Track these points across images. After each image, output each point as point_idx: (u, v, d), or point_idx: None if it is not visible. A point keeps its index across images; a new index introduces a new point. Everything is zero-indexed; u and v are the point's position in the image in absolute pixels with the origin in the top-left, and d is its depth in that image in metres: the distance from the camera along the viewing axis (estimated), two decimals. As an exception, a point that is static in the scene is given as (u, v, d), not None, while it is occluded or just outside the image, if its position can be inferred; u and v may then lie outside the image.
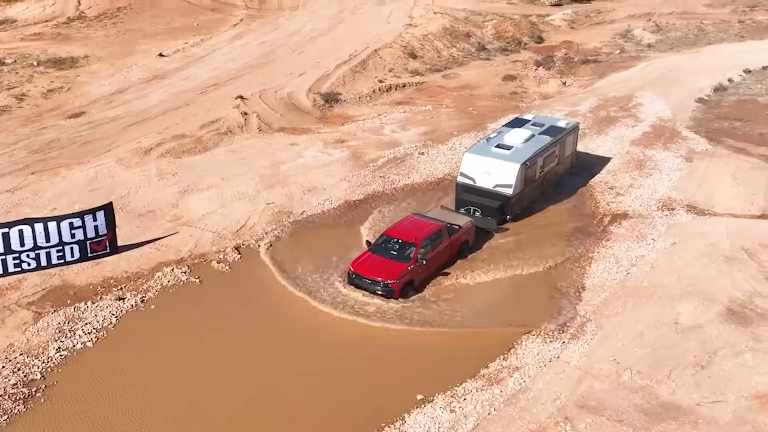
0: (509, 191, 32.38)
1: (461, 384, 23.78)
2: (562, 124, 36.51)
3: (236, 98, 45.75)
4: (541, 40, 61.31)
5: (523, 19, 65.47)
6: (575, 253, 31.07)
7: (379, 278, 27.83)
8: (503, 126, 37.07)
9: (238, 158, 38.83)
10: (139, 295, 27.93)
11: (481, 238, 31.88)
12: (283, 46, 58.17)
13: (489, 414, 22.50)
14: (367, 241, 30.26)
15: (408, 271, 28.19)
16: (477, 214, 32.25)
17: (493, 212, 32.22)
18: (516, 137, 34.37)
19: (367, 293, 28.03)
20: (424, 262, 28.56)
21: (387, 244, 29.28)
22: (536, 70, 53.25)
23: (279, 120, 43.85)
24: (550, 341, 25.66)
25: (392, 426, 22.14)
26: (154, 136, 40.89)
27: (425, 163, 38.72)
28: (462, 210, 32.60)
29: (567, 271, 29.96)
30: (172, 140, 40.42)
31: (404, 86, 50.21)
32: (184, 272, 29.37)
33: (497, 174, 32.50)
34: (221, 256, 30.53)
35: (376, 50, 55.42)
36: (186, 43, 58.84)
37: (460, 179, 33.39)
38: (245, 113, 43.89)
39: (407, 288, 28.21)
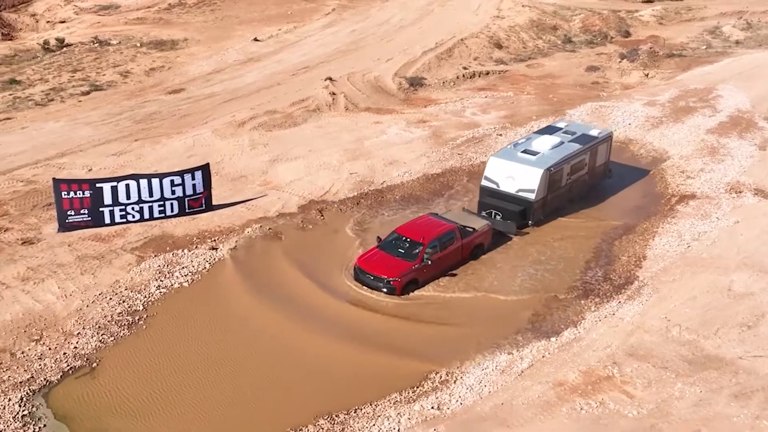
0: (531, 196, 32.80)
1: (521, 333, 26.51)
2: (594, 132, 36.50)
3: (325, 80, 49.28)
4: (628, 34, 63.10)
5: (612, 14, 67.39)
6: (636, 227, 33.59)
7: (382, 275, 28.56)
8: (534, 132, 37.71)
9: (325, 133, 42.26)
10: (230, 246, 31.39)
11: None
12: (372, 34, 61.53)
13: (543, 357, 25.19)
14: (377, 237, 30.80)
15: (412, 270, 28.81)
16: (498, 217, 32.81)
17: (515, 217, 32.72)
18: (544, 143, 34.66)
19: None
20: (430, 262, 29.09)
21: (396, 242, 29.91)
22: (620, 62, 55.29)
23: (365, 100, 47.18)
24: (607, 301, 28.16)
25: (455, 361, 24.99)
26: (247, 111, 44.75)
27: (503, 143, 41.25)
28: (484, 213, 33.18)
29: (630, 243, 32.28)
30: (264, 115, 44.21)
31: (488, 74, 52.96)
32: (271, 229, 32.75)
33: (520, 179, 33.00)
34: (306, 216, 33.82)
35: (462, 39, 58.35)
36: (280, 29, 62.81)
37: (484, 183, 33.92)
38: (333, 93, 47.36)
39: (410, 287, 28.84)
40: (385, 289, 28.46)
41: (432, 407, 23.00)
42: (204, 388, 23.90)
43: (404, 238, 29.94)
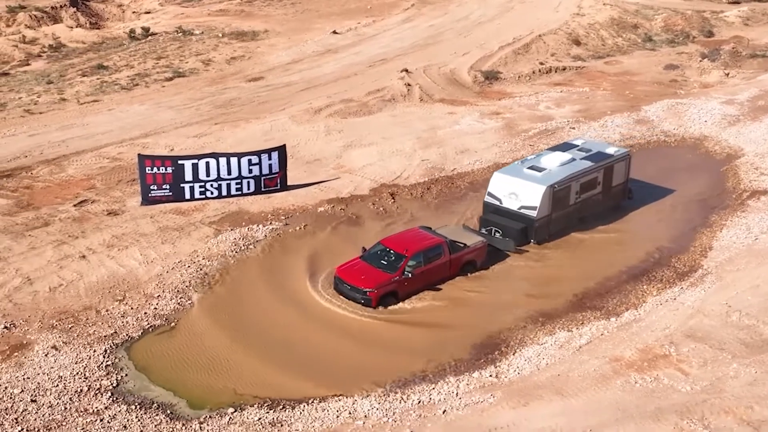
0: (533, 214, 32.00)
1: (580, 312, 27.84)
2: (610, 151, 35.36)
3: (401, 71, 51.17)
4: (710, 34, 63.49)
5: (696, 14, 67.74)
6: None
7: (359, 286, 28.12)
8: (547, 149, 36.95)
9: (399, 122, 44.13)
10: (303, 223, 33.39)
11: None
12: (450, 29, 63.22)
13: (602, 335, 26.47)
14: (363, 247, 30.26)
15: (390, 282, 28.27)
16: (497, 235, 32.19)
17: (516, 235, 31.95)
18: (553, 160, 33.76)
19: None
20: (410, 275, 28.56)
21: (380, 254, 29.44)
22: (701, 61, 55.83)
23: (440, 92, 48.93)
24: (670, 287, 29.27)
25: (515, 338, 26.49)
26: (324, 99, 46.95)
27: (575, 136, 42.41)
28: (484, 230, 32.54)
29: (697, 234, 33.26)
30: (340, 103, 46.32)
31: (564, 69, 54.19)
32: (342, 209, 34.63)
33: (523, 195, 32.26)
34: (377, 199, 35.62)
35: (540, 35, 59.66)
36: (358, 23, 65.06)
37: (487, 199, 33.24)
38: (409, 84, 49.20)
39: (388, 299, 28.35)
40: (362, 301, 28.07)
41: (490, 375, 24.50)
42: (271, 349, 25.87)
43: (388, 250, 29.47)
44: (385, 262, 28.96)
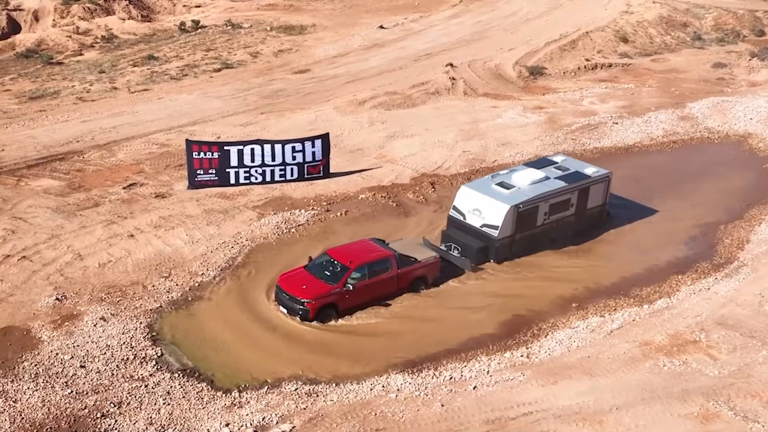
0: (495, 233, 30.86)
1: (614, 299, 28.70)
2: (588, 171, 33.52)
3: (446, 65, 52.23)
4: (762, 33, 63.75)
5: (748, 13, 67.92)
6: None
7: (297, 296, 27.37)
8: (524, 164, 35.48)
9: (442, 114, 45.26)
10: (352, 209, 34.63)
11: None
12: (497, 26, 64.18)
13: (634, 320, 27.32)
14: (309, 257, 29.59)
15: (329, 294, 27.45)
16: (456, 252, 31.33)
17: (476, 254, 30.89)
18: (524, 178, 32.43)
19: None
20: (351, 287, 27.72)
21: (325, 264, 28.62)
22: (750, 60, 56.13)
23: (484, 86, 49.96)
24: (704, 277, 29.99)
25: (549, 323, 27.45)
26: (368, 92, 48.25)
27: (618, 131, 43.36)
28: (444, 245, 31.72)
29: (735, 228, 33.88)
30: (384, 96, 47.58)
31: (610, 66, 54.90)
32: (383, 197, 35.80)
33: (487, 213, 31.12)
34: (417, 188, 36.72)
35: (587, 32, 60.40)
36: (405, 18, 66.36)
37: (452, 213, 32.31)
38: (453, 78, 50.31)
39: (327, 311, 27.51)
40: (299, 312, 27.32)
41: (521, 356, 25.48)
42: (308, 327, 27.19)
43: (333, 261, 28.60)
44: (328, 273, 28.19)
